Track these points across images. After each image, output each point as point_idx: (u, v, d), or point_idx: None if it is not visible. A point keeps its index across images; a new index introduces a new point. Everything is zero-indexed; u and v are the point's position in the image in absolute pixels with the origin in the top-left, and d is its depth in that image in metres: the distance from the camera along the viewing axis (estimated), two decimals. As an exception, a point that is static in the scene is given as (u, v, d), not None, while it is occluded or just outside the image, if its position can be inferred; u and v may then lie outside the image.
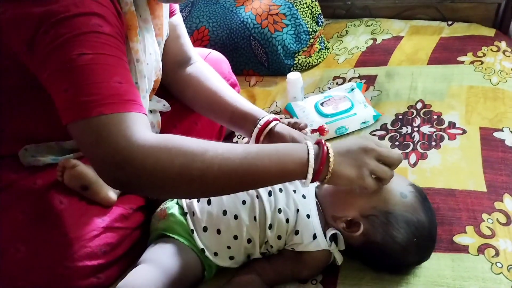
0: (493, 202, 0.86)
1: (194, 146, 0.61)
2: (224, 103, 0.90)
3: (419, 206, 0.72)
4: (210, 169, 0.61)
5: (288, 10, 1.40)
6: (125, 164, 0.58)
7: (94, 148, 0.60)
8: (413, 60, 1.33)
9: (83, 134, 0.61)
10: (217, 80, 0.95)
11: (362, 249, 0.74)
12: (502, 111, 1.09)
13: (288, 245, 0.75)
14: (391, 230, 0.70)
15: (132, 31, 0.72)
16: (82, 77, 0.60)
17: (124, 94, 0.62)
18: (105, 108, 0.60)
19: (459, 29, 1.45)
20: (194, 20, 1.44)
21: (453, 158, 0.97)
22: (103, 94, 0.60)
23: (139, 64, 0.74)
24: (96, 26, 0.62)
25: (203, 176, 0.61)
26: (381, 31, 1.51)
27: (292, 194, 0.76)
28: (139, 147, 0.59)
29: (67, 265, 0.71)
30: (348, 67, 1.37)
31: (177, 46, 0.94)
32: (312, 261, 0.74)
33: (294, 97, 1.22)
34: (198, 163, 0.60)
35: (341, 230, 0.74)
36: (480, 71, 1.23)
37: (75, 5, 0.60)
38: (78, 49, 0.60)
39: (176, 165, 0.60)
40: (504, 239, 0.79)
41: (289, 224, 0.74)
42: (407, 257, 0.73)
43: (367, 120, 1.12)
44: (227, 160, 0.61)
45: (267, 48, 1.38)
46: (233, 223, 0.74)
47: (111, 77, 0.62)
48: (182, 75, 0.95)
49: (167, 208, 0.79)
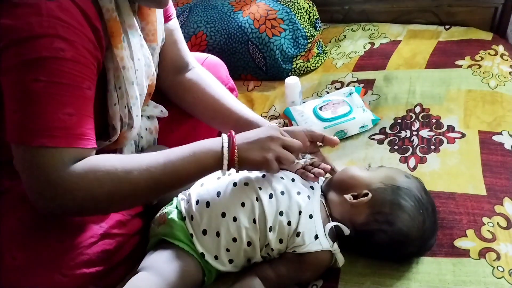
0: (493, 205, 0.86)
1: (120, 169, 0.65)
2: (228, 111, 0.91)
3: (422, 188, 0.76)
4: (138, 186, 0.66)
5: (286, 15, 1.40)
6: (56, 198, 0.62)
7: (29, 177, 0.63)
8: (411, 64, 1.33)
9: (21, 159, 0.63)
10: (219, 87, 0.95)
11: (368, 225, 0.73)
12: (500, 114, 1.09)
13: (290, 248, 0.74)
14: (400, 200, 0.73)
15: (116, 38, 0.71)
16: (31, 104, 0.60)
17: (71, 128, 0.63)
18: (47, 140, 0.61)
19: (457, 33, 1.45)
20: (192, 25, 1.44)
21: (452, 162, 0.97)
22: (49, 126, 0.61)
23: (126, 71, 0.74)
24: (57, 50, 0.61)
25: (132, 194, 0.67)
26: (378, 35, 1.51)
27: (295, 197, 0.76)
28: (68, 181, 0.62)
29: (64, 273, 0.70)
30: (346, 71, 1.37)
31: (174, 51, 0.93)
32: (314, 262, 0.74)
33: (292, 101, 1.22)
34: (126, 184, 0.65)
35: (347, 204, 0.74)
36: (478, 74, 1.23)
37: (39, 25, 0.60)
38: (34, 75, 0.60)
39: (106, 191, 0.64)
40: (505, 243, 0.79)
41: (291, 227, 0.74)
42: (413, 232, 0.72)
43: (365, 124, 1.12)
44: (152, 173, 0.67)
45: (265, 53, 1.38)
46: (232, 226, 0.74)
47: (62, 109, 0.62)
48: (181, 81, 0.95)
49: (167, 213, 0.78)
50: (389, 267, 0.77)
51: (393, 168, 0.84)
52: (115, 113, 0.76)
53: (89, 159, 0.65)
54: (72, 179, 0.62)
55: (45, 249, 0.71)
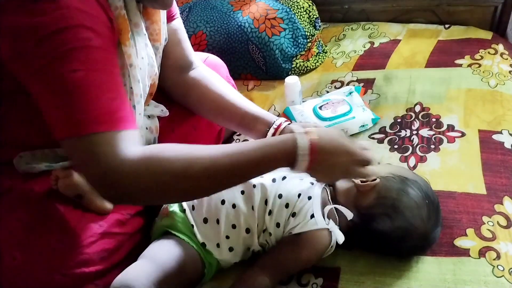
0: (493, 204, 0.86)
1: (181, 160, 0.63)
2: (233, 107, 0.91)
3: (427, 185, 0.78)
4: (198, 183, 0.64)
5: (286, 14, 1.40)
6: (115, 184, 0.61)
7: (86, 166, 0.61)
8: (411, 63, 1.33)
9: (75, 151, 0.62)
10: (223, 84, 0.96)
11: (373, 210, 0.74)
12: (500, 113, 1.08)
13: (287, 231, 0.75)
14: (406, 187, 0.74)
15: (124, 35, 0.71)
16: (74, 95, 0.60)
17: (115, 112, 0.62)
18: (96, 126, 0.60)
19: (456, 32, 1.45)
20: (192, 24, 1.44)
21: (452, 161, 0.97)
22: (95, 112, 0.60)
23: (132, 68, 0.74)
24: (85, 40, 0.61)
25: (191, 189, 0.64)
26: (378, 34, 1.51)
27: (296, 181, 0.77)
28: (128, 168, 0.60)
29: (64, 272, 0.71)
30: (346, 70, 1.37)
31: (178, 51, 0.93)
32: (311, 242, 0.74)
33: (292, 101, 1.22)
34: (187, 179, 0.63)
35: (354, 188, 0.76)
36: (478, 74, 1.23)
37: (64, 18, 0.59)
38: (70, 66, 0.59)
39: (166, 182, 0.62)
40: (505, 242, 0.79)
41: (288, 209, 0.75)
42: (418, 222, 0.73)
43: (365, 124, 1.12)
44: (216, 166, 0.64)
45: (265, 52, 1.38)
46: (231, 212, 0.75)
47: (103, 94, 0.61)
48: (185, 80, 0.95)
49: (169, 205, 0.79)
50: (389, 266, 0.77)
51: (401, 166, 0.87)
52: None
53: (148, 147, 0.64)
54: (132, 166, 0.60)
55: (45, 249, 0.71)
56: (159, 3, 0.74)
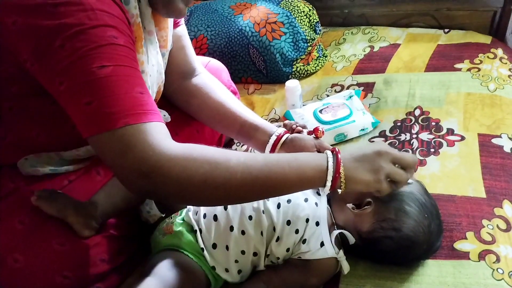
0: (493, 208, 0.86)
1: (217, 155, 0.63)
2: (233, 115, 0.92)
3: (423, 190, 0.77)
4: (234, 176, 0.62)
5: (286, 18, 1.41)
6: (152, 173, 0.59)
7: (120, 158, 0.60)
8: (410, 67, 1.34)
9: (108, 145, 0.61)
10: (224, 92, 0.96)
11: (374, 233, 0.73)
12: (500, 117, 1.09)
13: (295, 254, 0.75)
14: (403, 205, 0.73)
15: (138, 42, 0.72)
16: (104, 90, 0.60)
17: (145, 104, 0.63)
18: (130, 118, 0.60)
19: (456, 36, 1.46)
20: (193, 28, 1.45)
21: (452, 164, 0.98)
22: (127, 105, 0.61)
23: (144, 75, 0.75)
24: (111, 38, 0.62)
25: (227, 184, 0.62)
26: (378, 38, 1.52)
27: (302, 204, 0.76)
28: (166, 156, 0.60)
29: (65, 275, 0.71)
30: (346, 74, 1.38)
31: (181, 57, 0.94)
32: (320, 269, 0.74)
33: (292, 104, 1.23)
34: (222, 171, 0.62)
35: (351, 215, 0.74)
36: (477, 78, 1.23)
37: (88, 18, 0.60)
38: (98, 62, 0.60)
39: (201, 173, 0.61)
40: (504, 245, 0.79)
41: (298, 235, 0.74)
42: (420, 236, 0.72)
43: (366, 127, 1.12)
44: (249, 167, 0.63)
45: (266, 56, 1.39)
46: (240, 239, 0.74)
47: (133, 88, 0.62)
48: (187, 86, 0.95)
49: (174, 225, 0.78)
50: (390, 270, 0.77)
51: None
52: None
53: (189, 144, 0.64)
54: (171, 154, 0.60)
55: (46, 251, 0.71)
56: (174, 12, 0.75)
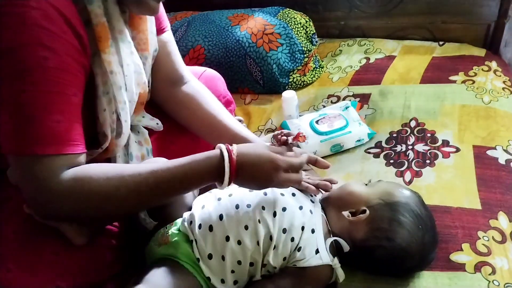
0: (488, 219, 0.87)
1: (105, 187, 0.65)
2: (224, 127, 0.92)
3: (420, 202, 0.77)
4: (124, 204, 0.67)
5: (283, 30, 1.42)
6: (47, 205, 0.65)
7: (25, 185, 0.65)
8: (406, 79, 1.35)
9: (17, 168, 0.65)
10: (215, 103, 0.96)
11: (368, 242, 0.73)
12: (494, 129, 1.10)
13: (291, 262, 0.74)
14: (398, 216, 0.73)
15: (104, 42, 0.71)
16: (20, 115, 0.62)
17: (59, 135, 0.64)
18: (38, 148, 0.62)
19: (450, 49, 1.48)
20: (190, 39, 1.46)
21: (447, 176, 0.98)
22: (38, 134, 0.62)
23: (113, 75, 0.74)
24: (41, 59, 0.61)
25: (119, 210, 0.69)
26: (374, 50, 1.53)
27: (297, 212, 0.76)
28: (58, 190, 0.63)
29: (58, 284, 0.70)
30: (342, 85, 1.39)
31: (168, 63, 0.94)
32: (315, 276, 0.74)
33: (289, 115, 1.23)
34: (113, 202, 0.66)
35: (346, 222, 0.75)
36: (472, 90, 1.25)
37: (22, 34, 0.60)
38: (20, 85, 0.61)
39: (93, 206, 0.66)
40: (500, 257, 0.79)
41: (294, 243, 0.74)
42: (413, 247, 0.73)
43: (361, 138, 1.13)
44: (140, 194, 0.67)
45: (262, 67, 1.40)
46: (237, 249, 0.73)
47: (49, 116, 0.63)
48: (177, 95, 0.95)
49: (170, 235, 0.77)
50: (386, 281, 0.77)
51: (391, 183, 0.84)
52: (105, 119, 0.76)
53: (80, 169, 0.66)
54: (62, 188, 0.64)
55: (39, 260, 0.70)
56: (146, 9, 0.74)
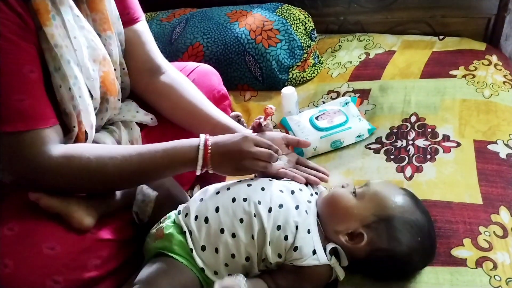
0: (490, 214, 0.86)
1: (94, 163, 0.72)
2: (206, 116, 0.93)
3: (414, 206, 0.75)
4: (110, 179, 0.74)
5: (282, 26, 1.41)
6: (36, 180, 0.70)
7: (11, 166, 0.70)
8: (406, 74, 1.34)
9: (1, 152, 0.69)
10: (196, 92, 0.96)
11: (369, 259, 0.73)
12: (495, 124, 1.09)
13: (288, 260, 0.74)
14: (396, 233, 0.72)
15: (43, 15, 0.70)
16: None
17: (26, 112, 0.66)
18: (7, 126, 0.66)
19: (450, 43, 1.47)
20: (189, 36, 1.45)
21: (448, 171, 0.98)
22: (5, 114, 0.65)
23: (59, 48, 0.73)
24: None
25: (106, 185, 0.76)
26: (373, 45, 1.52)
27: (293, 211, 0.75)
28: (50, 165, 0.69)
29: (56, 279, 0.70)
30: (342, 81, 1.38)
31: (144, 54, 0.94)
32: (313, 275, 0.73)
33: (289, 111, 1.23)
34: (100, 177, 0.73)
35: (344, 244, 0.74)
36: (472, 84, 1.24)
37: None
38: None
39: (79, 184, 0.74)
40: (501, 252, 0.79)
41: (288, 241, 0.73)
42: (414, 258, 0.73)
43: (362, 134, 1.12)
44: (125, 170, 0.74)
45: (262, 63, 1.39)
46: (230, 242, 0.73)
47: (11, 96, 0.66)
48: (156, 85, 0.95)
49: (164, 228, 0.77)
50: (387, 277, 0.77)
51: (380, 186, 0.79)
52: (62, 96, 0.75)
53: (71, 146, 0.73)
54: (53, 164, 0.68)
55: (35, 256, 0.70)
56: None
